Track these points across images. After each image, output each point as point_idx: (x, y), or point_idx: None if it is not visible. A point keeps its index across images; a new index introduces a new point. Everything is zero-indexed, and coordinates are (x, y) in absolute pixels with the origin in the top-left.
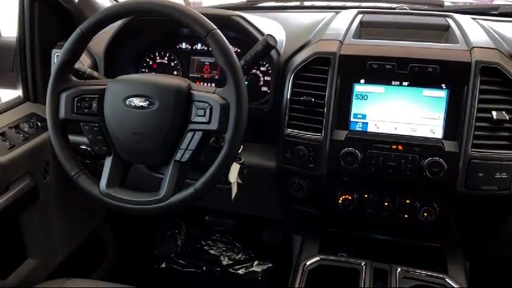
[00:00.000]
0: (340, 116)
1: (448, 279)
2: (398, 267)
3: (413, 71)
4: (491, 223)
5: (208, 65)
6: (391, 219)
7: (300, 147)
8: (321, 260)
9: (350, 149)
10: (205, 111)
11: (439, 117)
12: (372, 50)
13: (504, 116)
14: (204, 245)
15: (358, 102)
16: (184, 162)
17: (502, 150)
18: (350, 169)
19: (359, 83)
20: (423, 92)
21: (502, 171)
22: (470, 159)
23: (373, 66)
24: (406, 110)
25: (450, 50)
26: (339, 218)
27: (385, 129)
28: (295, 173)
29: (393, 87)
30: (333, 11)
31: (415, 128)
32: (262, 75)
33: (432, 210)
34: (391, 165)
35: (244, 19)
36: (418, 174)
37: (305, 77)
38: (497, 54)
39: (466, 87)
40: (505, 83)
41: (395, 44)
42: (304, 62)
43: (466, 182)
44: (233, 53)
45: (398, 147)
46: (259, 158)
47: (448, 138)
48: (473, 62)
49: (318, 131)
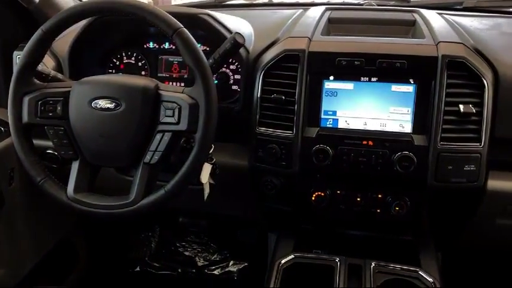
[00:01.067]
0: (311, 113)
1: (421, 272)
2: (373, 262)
3: (382, 67)
4: (461, 215)
5: (177, 64)
6: (363, 215)
7: (271, 146)
8: (295, 257)
9: (321, 145)
10: (174, 111)
11: (408, 112)
12: (340, 47)
13: (471, 109)
14: (178, 247)
15: (328, 99)
16: (154, 164)
17: (469, 143)
18: (322, 166)
19: (328, 79)
20: (392, 87)
21: (470, 164)
22: (439, 153)
23: (342, 62)
24: (376, 106)
25: (417, 45)
26: (312, 215)
27: (356, 125)
28: (268, 171)
29: (362, 83)
30: (301, 8)
31: (384, 123)
32: (232, 74)
33: (403, 204)
34: (362, 160)
35: (211, 17)
36: (388, 168)
37: (275, 74)
38: (463, 49)
39: (434, 82)
40: (471, 76)
41: (363, 40)
42: (274, 59)
43: (436, 175)
44: (201, 52)
45: (368, 142)
46: (232, 157)
47: (417, 132)
48: (440, 56)
49: (289, 128)
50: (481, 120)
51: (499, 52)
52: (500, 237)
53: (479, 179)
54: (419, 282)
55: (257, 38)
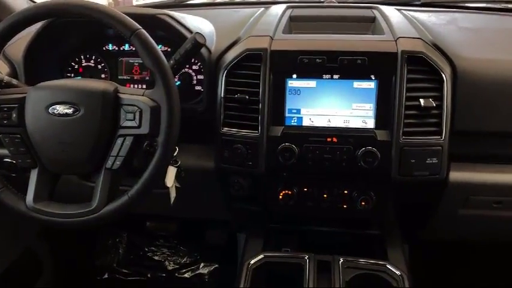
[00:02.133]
0: (275, 112)
1: (388, 266)
2: (341, 258)
3: (343, 64)
4: (425, 207)
5: (138, 66)
6: (330, 211)
7: (237, 146)
8: (264, 257)
9: (287, 144)
10: (135, 114)
11: (370, 108)
12: (302, 45)
13: (431, 103)
14: (147, 252)
15: (292, 97)
16: (116, 170)
17: (431, 136)
18: (288, 164)
19: (291, 78)
20: (353, 84)
21: (432, 157)
22: (402, 147)
23: (304, 60)
24: (339, 103)
25: (377, 42)
26: (280, 213)
27: (320, 123)
28: (235, 172)
29: (325, 81)
30: (263, 6)
31: (348, 120)
32: (194, 74)
33: (369, 199)
34: (327, 157)
35: (171, 17)
36: (353, 164)
37: (238, 74)
38: (422, 44)
39: (394, 77)
40: (430, 71)
41: (324, 37)
42: (236, 59)
43: (399, 169)
44: (160, 53)
45: (333, 139)
46: (197, 159)
47: (380, 127)
48: (399, 52)
49: (254, 128)
50: (441, 114)
51: (457, 47)
52: (463, 227)
53: (442, 172)
54: (387, 275)
55: (219, 37)
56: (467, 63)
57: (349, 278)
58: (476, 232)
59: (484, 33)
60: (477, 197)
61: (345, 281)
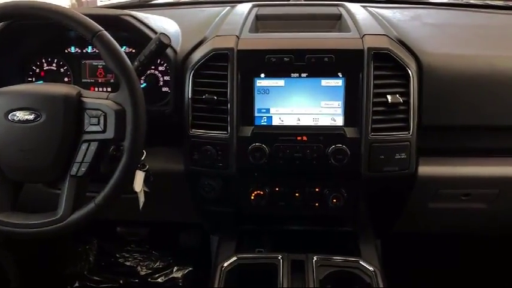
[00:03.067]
0: (245, 112)
1: (361, 262)
2: (315, 256)
3: (311, 62)
4: (395, 202)
5: (102, 69)
6: (303, 209)
7: (207, 147)
8: (238, 259)
9: (257, 144)
10: (99, 119)
11: (339, 105)
12: (269, 44)
13: (398, 99)
14: (118, 258)
15: (261, 97)
16: (82, 177)
17: (399, 132)
18: (259, 164)
19: (259, 77)
20: (321, 82)
21: (401, 152)
22: (370, 144)
23: (272, 59)
24: (308, 101)
25: (343, 39)
26: (253, 214)
27: (289, 122)
28: (205, 174)
29: (293, 79)
30: (229, 5)
31: (317, 118)
32: (161, 75)
33: (340, 196)
34: (298, 156)
35: (134, 18)
36: (323, 162)
37: (205, 74)
38: (387, 40)
39: (361, 74)
40: (396, 67)
41: (291, 36)
42: (202, 59)
43: (369, 165)
44: (123, 55)
45: (303, 138)
46: (166, 162)
47: (349, 125)
48: (366, 49)
49: (223, 129)
50: (409, 109)
51: (422, 42)
52: (433, 220)
53: (410, 166)
54: (361, 271)
55: (184, 37)
56: (432, 58)
57: (323, 276)
58: (446, 224)
59: (447, 29)
60: (446, 190)
61: (319, 280)
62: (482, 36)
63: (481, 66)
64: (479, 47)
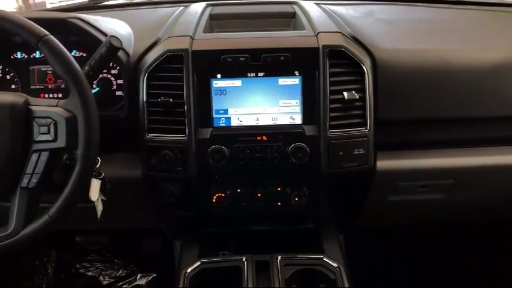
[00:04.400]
0: (202, 114)
1: (325, 259)
2: (279, 256)
3: (267, 61)
4: (356, 197)
5: (52, 74)
6: (265, 209)
7: (164, 152)
8: (201, 264)
9: (216, 146)
10: (49, 127)
11: (297, 104)
12: (224, 44)
13: (354, 95)
14: (79, 268)
15: (218, 98)
16: (33, 188)
17: (356, 128)
18: (219, 166)
19: (216, 78)
20: (278, 81)
21: (359, 148)
22: (329, 141)
23: (227, 60)
24: (266, 100)
25: (298, 38)
26: (215, 217)
27: (248, 122)
28: (164, 179)
29: (250, 79)
30: (182, 5)
31: (276, 117)
32: (114, 79)
33: (302, 194)
34: (258, 156)
35: (83, 21)
36: (284, 161)
37: (159, 76)
38: (341, 37)
39: (317, 72)
40: (351, 64)
41: (246, 35)
42: (156, 61)
43: (329, 162)
44: (71, 60)
45: (262, 138)
46: (123, 168)
47: (308, 123)
48: (321, 47)
49: (181, 132)
50: (365, 105)
51: (375, 38)
52: (394, 213)
53: (369, 161)
54: (325, 268)
55: (137, 39)
56: (386, 54)
57: (288, 275)
58: (406, 216)
59: (399, 24)
60: (404, 183)
61: (284, 279)
62: (433, 30)
63: (433, 59)
64: (430, 41)
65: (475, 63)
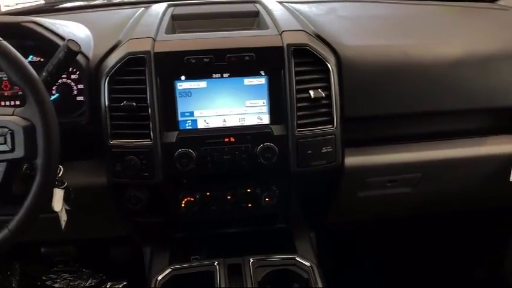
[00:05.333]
0: (167, 117)
1: (298, 258)
2: (251, 258)
3: (231, 61)
4: (325, 194)
5: (7, 81)
6: (236, 211)
7: (130, 157)
8: (172, 270)
9: (183, 149)
10: (6, 137)
11: (264, 104)
12: (187, 45)
13: (320, 93)
14: (45, 280)
15: (183, 100)
16: None
17: (323, 126)
18: (187, 170)
19: (180, 80)
20: (244, 81)
21: (327, 145)
22: (297, 139)
23: (191, 61)
24: (232, 101)
25: (262, 37)
26: (185, 221)
27: (215, 124)
28: (130, 185)
29: (215, 80)
30: (143, 6)
31: (243, 118)
32: (74, 84)
33: (272, 194)
34: (227, 158)
35: (39, 24)
36: (253, 162)
37: (121, 80)
38: (305, 36)
39: (283, 71)
40: (316, 62)
41: (210, 35)
42: (117, 64)
43: (298, 161)
44: (27, 65)
45: (230, 139)
46: (87, 176)
47: (275, 122)
48: (285, 45)
49: (146, 136)
50: (331, 103)
51: (339, 36)
52: (363, 208)
53: (337, 159)
54: (298, 268)
55: (97, 42)
56: (350, 51)
57: (261, 277)
58: (375, 211)
59: (362, 21)
60: (373, 179)
61: (257, 281)
62: (395, 26)
63: (396, 55)
64: (393, 37)
65: (436, 58)
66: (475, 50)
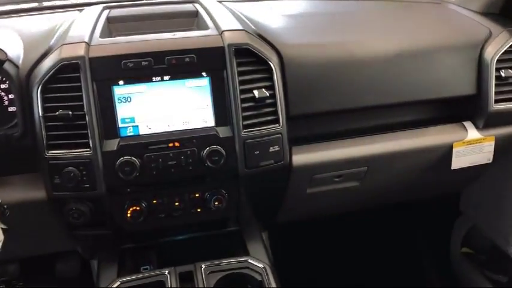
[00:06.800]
0: (107, 124)
1: (250, 260)
2: (203, 264)
3: (171, 64)
4: (275, 193)
5: None
6: (185, 218)
7: (69, 169)
8: (121, 283)
9: (126, 157)
10: None
11: (208, 106)
12: (124, 48)
13: (265, 93)
14: None
15: (123, 106)
16: None
17: (269, 126)
18: (131, 179)
19: (118, 85)
20: (186, 83)
21: (274, 145)
22: (244, 141)
23: (129, 65)
24: (175, 105)
25: (202, 37)
26: (132, 232)
27: (158, 129)
28: (71, 198)
29: (155, 84)
30: (76, 9)
31: (187, 121)
32: (5, 94)
33: (222, 198)
34: (172, 164)
35: None
36: (200, 166)
37: (55, 88)
38: (246, 35)
39: (225, 72)
40: (258, 62)
41: (148, 38)
42: (50, 71)
43: (246, 162)
44: None
45: (175, 144)
46: (24, 191)
47: (221, 124)
48: (226, 45)
49: (85, 146)
50: (276, 102)
51: (280, 35)
52: (313, 204)
53: (285, 158)
54: (251, 271)
55: (27, 49)
56: (291, 49)
57: (214, 283)
58: (325, 206)
59: (302, 19)
60: (320, 175)
61: None
62: (335, 23)
63: (337, 52)
64: (333, 34)
65: (375, 53)
66: (412, 44)
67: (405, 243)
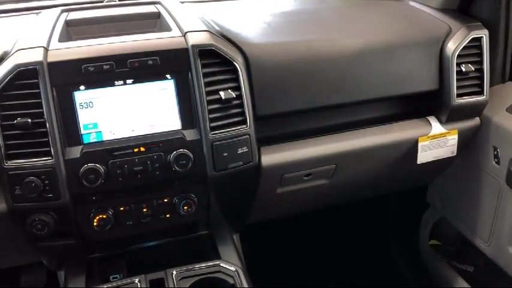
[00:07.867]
0: (69, 131)
1: (222, 264)
2: (174, 270)
3: (134, 67)
4: (245, 195)
5: None
6: (154, 224)
7: (30, 179)
8: None
9: (90, 165)
10: None
11: (174, 108)
12: (84, 52)
13: (231, 94)
14: None
15: (85, 112)
16: None
17: (237, 127)
18: (95, 187)
19: (79, 90)
20: (150, 86)
21: (243, 146)
22: (212, 143)
23: (89, 69)
24: (139, 109)
25: (165, 39)
26: (99, 240)
27: (122, 134)
28: (33, 209)
29: (118, 88)
30: (32, 12)
31: (153, 125)
32: None
33: (191, 202)
34: (138, 169)
35: None
36: (167, 171)
37: (12, 95)
38: (210, 36)
39: (190, 74)
40: (223, 62)
41: (109, 41)
42: (6, 78)
43: (214, 165)
44: None
45: (140, 149)
46: None
47: (187, 127)
48: (190, 46)
49: (46, 154)
50: (243, 103)
51: (243, 34)
52: (283, 204)
53: (254, 158)
54: (223, 274)
55: None
56: (256, 49)
57: None
58: (295, 205)
59: (265, 18)
60: (290, 174)
61: None
62: (300, 22)
63: (301, 51)
64: (297, 33)
65: (340, 51)
66: (376, 41)
67: (375, 237)
